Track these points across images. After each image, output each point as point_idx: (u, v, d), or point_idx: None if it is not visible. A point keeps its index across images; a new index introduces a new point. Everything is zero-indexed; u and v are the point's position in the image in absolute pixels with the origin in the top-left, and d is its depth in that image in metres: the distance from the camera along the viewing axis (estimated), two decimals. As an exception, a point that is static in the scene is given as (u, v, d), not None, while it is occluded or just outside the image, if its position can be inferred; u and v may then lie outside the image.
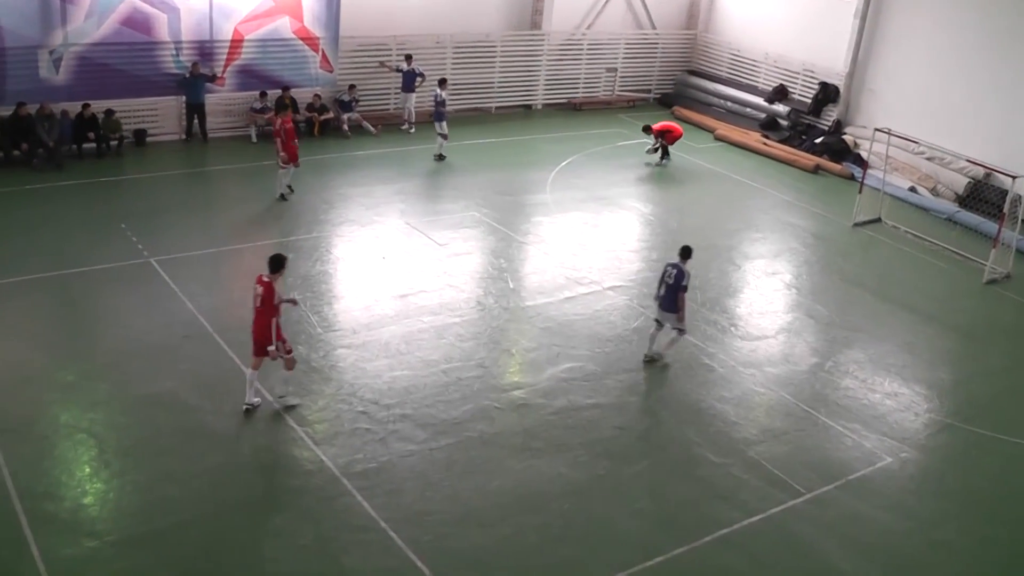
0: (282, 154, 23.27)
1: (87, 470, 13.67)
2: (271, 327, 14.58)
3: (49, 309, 18.17)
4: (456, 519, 13.21)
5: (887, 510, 14.24)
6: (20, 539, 12.13)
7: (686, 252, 17.34)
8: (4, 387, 15.24)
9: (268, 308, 14.54)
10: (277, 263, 14.80)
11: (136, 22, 25.75)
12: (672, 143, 29.57)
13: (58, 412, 14.85)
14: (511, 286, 20.33)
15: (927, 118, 28.83)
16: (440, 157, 27.91)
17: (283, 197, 23.74)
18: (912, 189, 28.56)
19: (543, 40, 34.33)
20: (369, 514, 13.10)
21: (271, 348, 14.66)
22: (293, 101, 28.47)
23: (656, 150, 29.59)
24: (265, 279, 14.61)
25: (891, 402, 17.17)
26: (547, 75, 34.99)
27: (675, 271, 17.10)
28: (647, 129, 29.83)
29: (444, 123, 27.65)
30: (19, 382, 15.50)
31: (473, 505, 13.50)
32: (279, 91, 28.29)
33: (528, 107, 35.02)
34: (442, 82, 28.01)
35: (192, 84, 26.89)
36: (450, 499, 13.58)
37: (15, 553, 11.93)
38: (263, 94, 28.34)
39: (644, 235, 24.36)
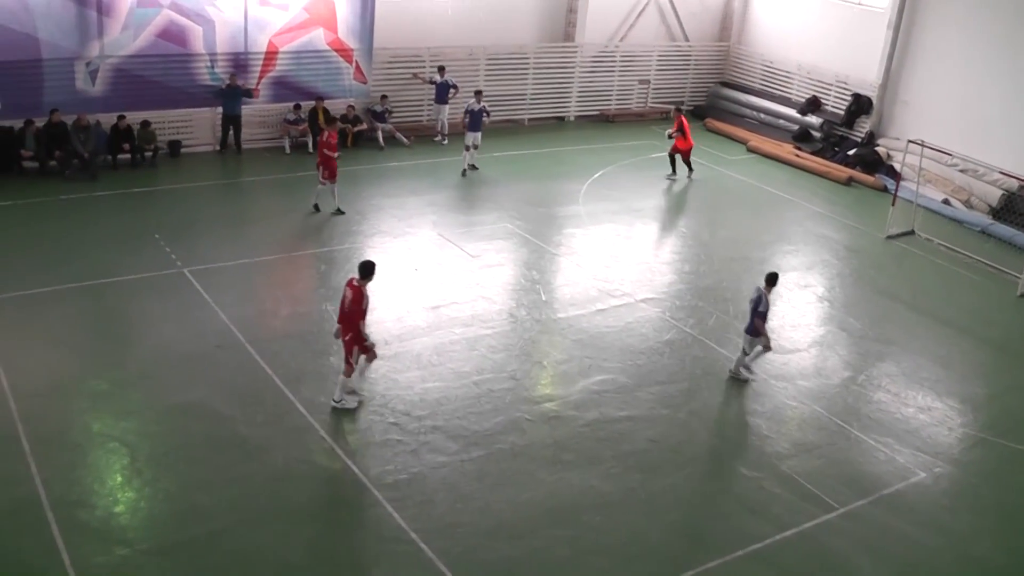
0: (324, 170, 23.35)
1: (119, 478, 13.75)
2: (360, 329, 15.19)
3: (82, 318, 18.31)
4: (487, 531, 13.19)
5: (920, 526, 14.11)
6: (52, 547, 12.19)
7: (770, 279, 17.21)
8: (38, 395, 15.34)
9: (356, 311, 15.11)
10: (367, 269, 15.26)
11: (172, 34, 25.99)
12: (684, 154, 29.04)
13: (91, 421, 14.94)
14: (543, 298, 20.33)
15: (960, 130, 28.67)
16: (472, 168, 27.86)
17: (339, 211, 23.83)
18: (945, 201, 28.36)
19: (576, 52, 34.36)
20: (400, 525, 13.10)
21: (369, 343, 15.45)
22: (327, 112, 28.65)
23: (671, 136, 28.98)
24: (355, 283, 15.13)
25: (924, 416, 17.04)
26: (580, 87, 35.02)
27: (755, 295, 17.13)
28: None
29: (479, 135, 27.63)
30: (52, 390, 15.63)
31: (504, 517, 13.48)
32: (312, 103, 28.53)
33: (561, 119, 35.05)
34: (478, 93, 27.95)
35: (229, 96, 27.10)
36: (481, 511, 13.57)
37: (47, 561, 11.99)
38: (297, 106, 28.53)
39: (677, 247, 24.31)
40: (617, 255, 23.16)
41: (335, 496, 13.73)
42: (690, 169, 29.14)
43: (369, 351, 15.60)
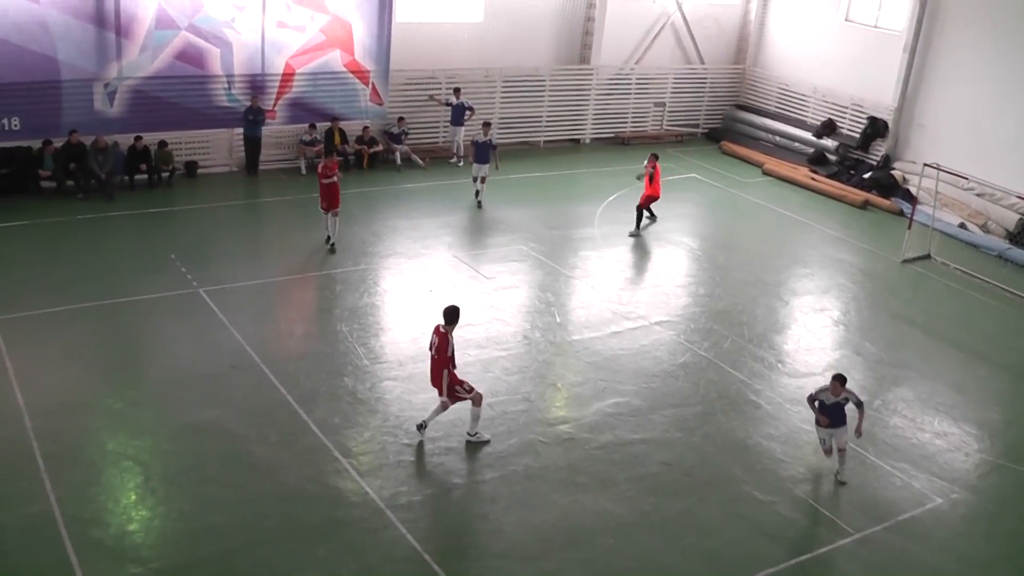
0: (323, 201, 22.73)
1: (133, 497, 13.78)
2: (443, 376, 15.08)
3: (98, 337, 18.37)
4: (500, 553, 13.16)
5: (937, 552, 14.01)
6: (66, 564, 12.23)
7: (840, 378, 15.12)
8: (53, 413, 15.39)
9: (442, 358, 15.03)
10: (452, 315, 15.21)
11: (189, 56, 26.15)
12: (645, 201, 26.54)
13: (105, 439, 15.00)
14: (558, 320, 20.32)
15: (977, 153, 28.62)
16: (477, 202, 27.01)
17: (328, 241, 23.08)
18: (962, 225, 28.27)
19: (592, 74, 34.44)
20: (413, 547, 13.08)
21: (443, 399, 15.25)
22: (342, 132, 28.78)
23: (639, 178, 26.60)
24: (441, 330, 15.10)
25: (941, 442, 16.94)
26: (595, 109, 35.07)
27: (842, 398, 15.05)
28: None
29: (486, 167, 26.75)
30: (67, 408, 15.68)
31: (517, 539, 13.43)
32: (328, 123, 28.67)
33: (576, 141, 35.11)
34: (486, 125, 27.58)
35: (251, 117, 27.24)
36: (494, 533, 13.55)
37: (61, 578, 12.02)
38: (312, 126, 28.64)
39: (692, 270, 24.27)
40: (632, 278, 23.17)
41: (348, 517, 13.66)
42: (651, 216, 26.73)
43: (475, 397, 15.48)
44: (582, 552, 13.28)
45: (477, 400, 15.44)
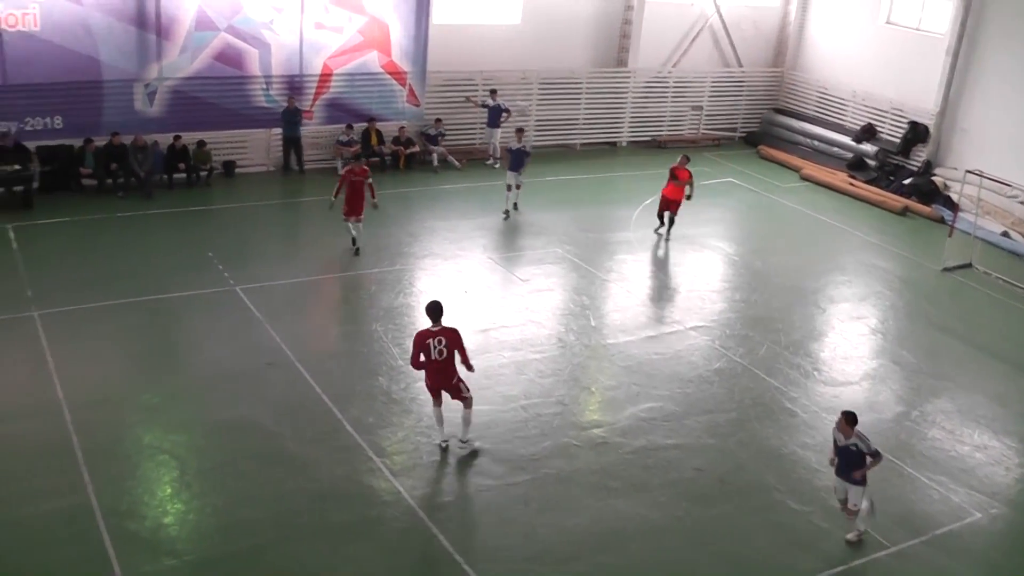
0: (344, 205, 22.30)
1: (168, 491, 13.92)
2: (457, 377, 15.04)
3: (136, 333, 18.52)
4: (531, 556, 13.11)
5: (974, 567, 13.83)
6: (103, 555, 12.37)
7: (851, 419, 13.51)
8: (90, 407, 15.53)
9: (461, 357, 15.04)
10: (440, 309, 15.08)
11: (228, 57, 26.31)
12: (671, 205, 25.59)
13: (142, 433, 15.14)
14: (592, 323, 20.25)
15: (1022, 160, 28.19)
16: (514, 207, 26.45)
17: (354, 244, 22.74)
18: (1005, 234, 27.91)
19: (629, 77, 34.33)
20: (444, 547, 13.08)
21: (467, 395, 15.13)
22: (379, 133, 28.87)
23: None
24: (441, 327, 14.87)
25: (980, 455, 16.69)
26: (632, 112, 34.95)
27: (852, 442, 13.51)
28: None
29: (520, 174, 26.09)
30: (105, 403, 15.84)
31: (549, 543, 13.38)
32: (365, 124, 28.77)
33: (613, 144, 34.98)
34: (519, 131, 26.87)
35: (289, 117, 27.37)
36: (526, 535, 13.50)
37: (98, 569, 12.16)
38: (349, 127, 28.71)
39: (728, 275, 24.11)
40: (667, 282, 23.06)
41: (380, 516, 13.68)
42: (670, 225, 25.73)
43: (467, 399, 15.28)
44: (613, 556, 13.22)
45: (470, 403, 15.27)
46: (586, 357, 18.86)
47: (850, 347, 20.43)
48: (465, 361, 15.10)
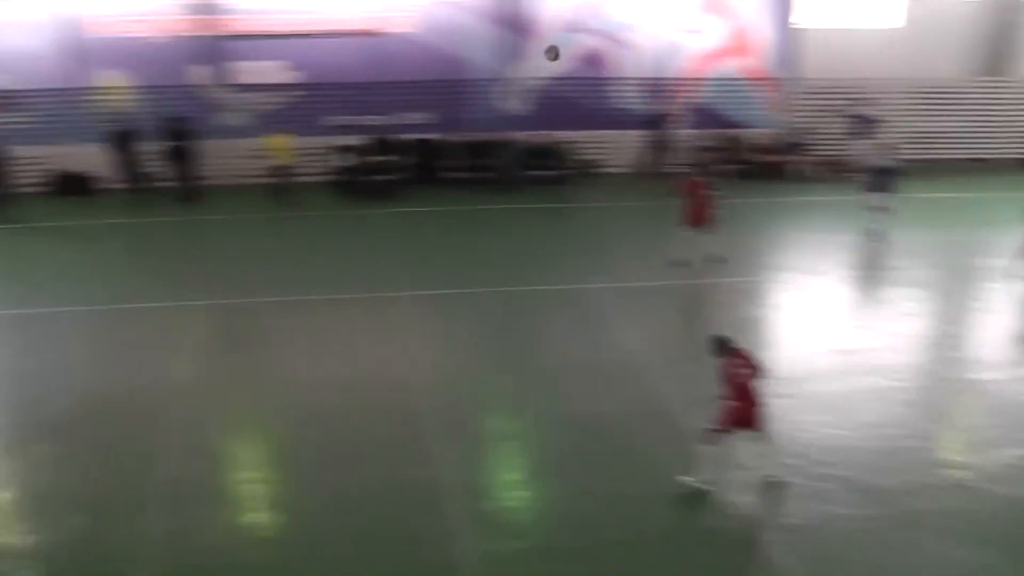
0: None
1: (516, 476, 14.33)
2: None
3: (492, 320, 19.32)
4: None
5: None
6: (450, 529, 12.85)
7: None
8: (445, 386, 16.32)
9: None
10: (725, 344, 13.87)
11: (593, 58, 26.80)
12: None
13: (493, 417, 15.59)
14: (956, 354, 19.05)
15: None
16: (875, 233, 24.21)
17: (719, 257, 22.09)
18: None
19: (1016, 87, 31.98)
20: (785, 568, 12.63)
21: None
22: (742, 141, 28.49)
23: None
24: (746, 358, 13.67)
25: None
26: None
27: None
28: None
29: (887, 195, 23.95)
30: (457, 384, 16.64)
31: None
32: (728, 130, 28.51)
33: (987, 160, 32.73)
34: (887, 146, 25.27)
35: (654, 120, 27.59)
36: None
37: (444, 541, 12.67)
38: (711, 132, 28.49)
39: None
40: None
41: (723, 528, 13.38)
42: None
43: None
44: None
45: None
46: (948, 391, 17.74)
47: None
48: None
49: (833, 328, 19.59)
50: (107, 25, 26.55)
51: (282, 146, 25.86)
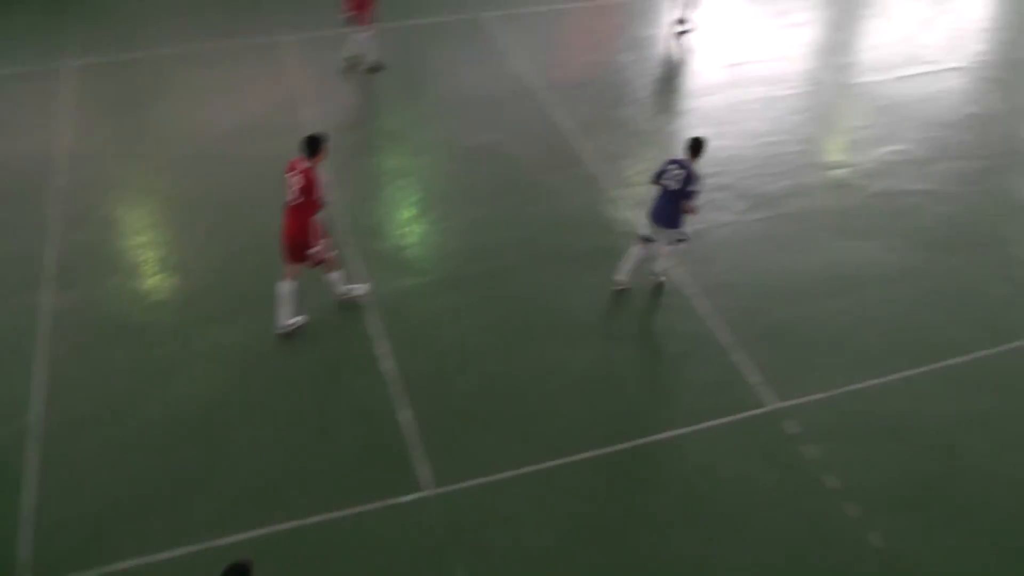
0: None
1: (410, 213, 14.69)
2: (310, 226, 11.83)
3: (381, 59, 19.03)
4: (763, 293, 13.38)
5: None
6: (350, 271, 13.22)
7: (696, 146, 12.69)
8: (339, 130, 16.12)
9: (309, 203, 11.71)
10: (315, 144, 11.71)
11: None
12: None
13: (385, 157, 15.85)
14: (846, 61, 19.72)
15: None
16: None
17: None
18: None
19: None
20: (676, 279, 13.48)
21: (313, 251, 11.96)
22: None
23: None
24: (304, 165, 11.68)
25: None
26: None
27: (681, 172, 12.57)
28: None
29: None
30: (348, 128, 16.75)
31: (782, 281, 13.61)
32: None
33: None
34: None
35: None
36: (760, 273, 13.76)
37: (347, 281, 12.98)
38: None
39: (996, 12, 22.68)
40: (929, 18, 21.93)
41: (616, 247, 13.87)
42: None
43: (331, 260, 12.40)
44: (846, 299, 13.33)
45: (331, 265, 12.49)
46: (835, 96, 18.52)
47: None
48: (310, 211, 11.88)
49: (724, 43, 20.06)
50: None
51: None
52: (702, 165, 12.70)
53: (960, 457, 11.07)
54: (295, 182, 11.58)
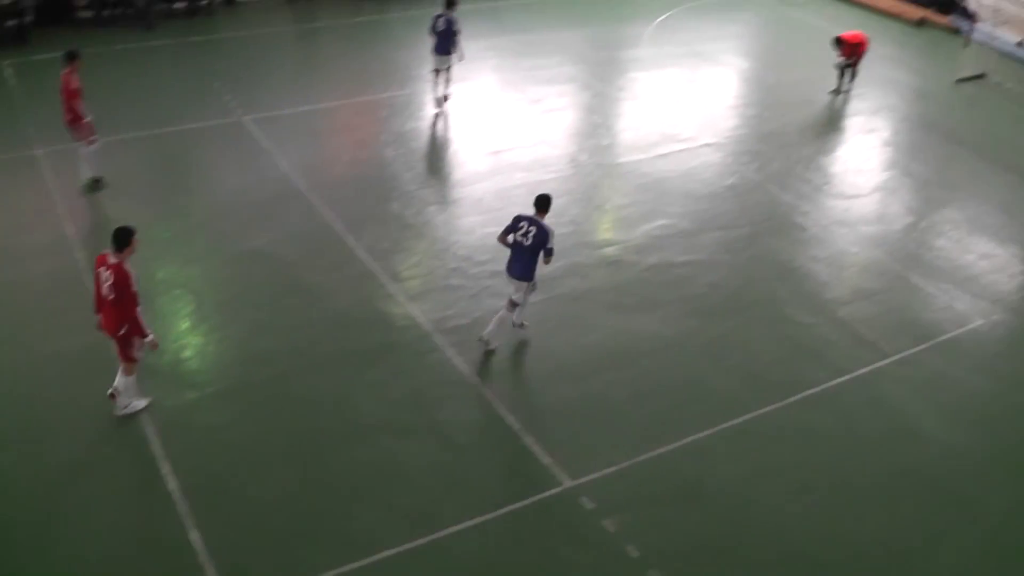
0: None
1: (185, 324, 14.09)
2: (137, 317, 11.49)
3: (143, 167, 18.49)
4: (547, 374, 13.43)
5: (975, 372, 14.11)
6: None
7: (543, 203, 13.36)
8: (102, 244, 15.49)
9: (128, 296, 11.36)
10: (123, 237, 11.41)
11: None
12: (861, 59, 23.79)
13: (155, 269, 15.07)
14: (605, 143, 20.23)
15: (1041, -33, 27.40)
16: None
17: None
18: (1020, 44, 27.39)
19: None
20: (459, 369, 13.37)
21: (142, 345, 11.73)
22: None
23: (845, 69, 23.75)
24: (112, 260, 11.38)
25: (985, 263, 16.87)
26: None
27: (532, 228, 13.17)
28: (838, 41, 23.58)
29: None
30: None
31: (563, 360, 13.68)
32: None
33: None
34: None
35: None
36: (541, 355, 13.80)
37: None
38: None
39: (741, 91, 23.94)
40: (680, 99, 22.87)
41: (397, 341, 13.87)
42: (854, 76, 24.01)
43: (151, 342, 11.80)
44: (628, 372, 13.52)
45: (130, 369, 11.95)
46: (599, 176, 18.92)
47: (862, 160, 20.47)
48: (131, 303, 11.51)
49: (485, 131, 20.32)
50: None
51: None
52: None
53: (753, 510, 11.29)
54: (106, 278, 11.27)
